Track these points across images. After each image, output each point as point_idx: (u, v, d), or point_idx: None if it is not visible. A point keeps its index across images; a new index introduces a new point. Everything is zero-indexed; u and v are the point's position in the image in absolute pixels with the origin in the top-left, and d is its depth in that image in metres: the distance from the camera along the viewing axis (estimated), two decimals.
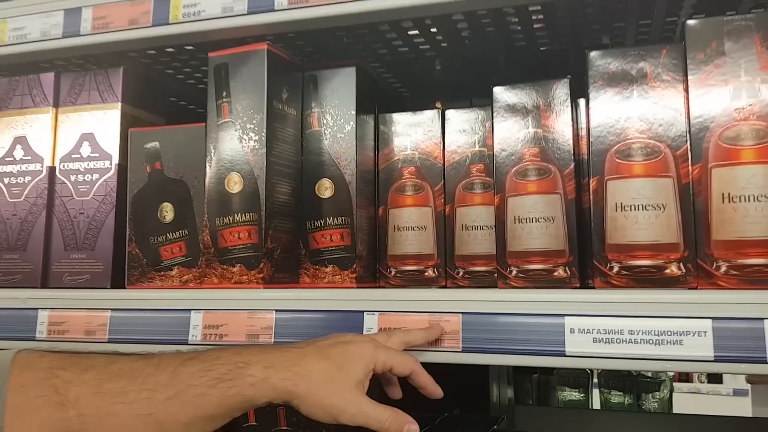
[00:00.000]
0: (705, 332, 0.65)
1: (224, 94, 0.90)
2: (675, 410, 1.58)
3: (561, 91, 0.80)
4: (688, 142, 0.71)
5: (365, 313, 0.77)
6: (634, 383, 1.53)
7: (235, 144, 0.89)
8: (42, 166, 1.00)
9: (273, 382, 0.61)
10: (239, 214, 0.88)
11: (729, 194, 0.68)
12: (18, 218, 1.00)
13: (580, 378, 1.58)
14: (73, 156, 0.99)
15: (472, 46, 1.01)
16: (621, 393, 1.57)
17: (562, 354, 0.70)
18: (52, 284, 0.98)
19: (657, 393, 1.56)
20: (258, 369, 0.61)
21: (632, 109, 0.73)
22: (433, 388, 0.71)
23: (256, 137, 0.88)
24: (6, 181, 1.01)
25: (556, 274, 0.79)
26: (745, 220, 0.67)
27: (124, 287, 0.95)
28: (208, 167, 0.90)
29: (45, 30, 0.95)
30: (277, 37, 0.94)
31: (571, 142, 0.79)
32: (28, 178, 1.00)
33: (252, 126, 0.88)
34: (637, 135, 0.72)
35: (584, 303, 0.70)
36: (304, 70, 0.96)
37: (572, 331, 0.70)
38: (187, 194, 0.94)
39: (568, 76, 0.81)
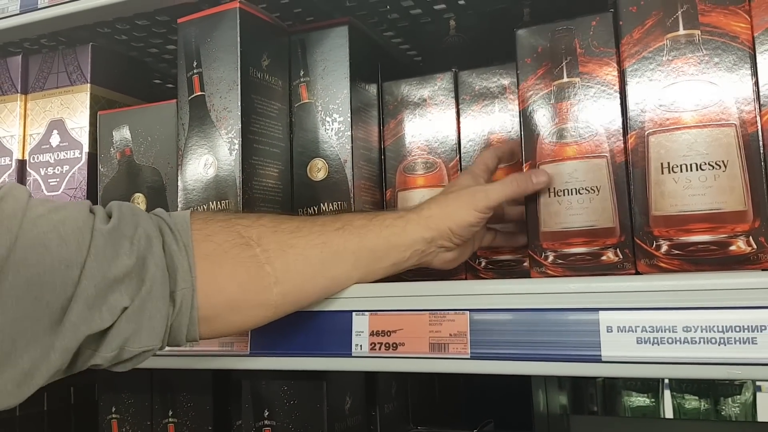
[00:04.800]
0: None
1: (194, 64, 0.78)
2: (760, 416, 1.37)
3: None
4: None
5: (353, 314, 0.63)
6: (711, 385, 1.33)
7: (209, 121, 0.77)
8: (11, 160, 0.90)
9: (417, 212, 0.66)
10: (213, 202, 0.75)
11: None
12: None
13: (649, 380, 1.38)
14: (42, 147, 0.89)
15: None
16: (696, 397, 1.37)
17: (598, 359, 0.54)
18: None
19: (738, 396, 1.36)
20: (400, 212, 0.68)
21: None
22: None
23: (230, 111, 0.75)
24: None
25: (604, 258, 0.62)
26: None
27: None
28: (179, 150, 0.78)
29: (2, 6, 0.85)
30: (270, 2, 0.82)
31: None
32: None
33: (226, 99, 0.76)
34: None
35: (625, 293, 0.54)
36: (291, 33, 0.83)
37: (609, 329, 0.54)
38: (159, 183, 0.82)
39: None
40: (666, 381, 1.41)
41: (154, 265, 0.53)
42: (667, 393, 1.40)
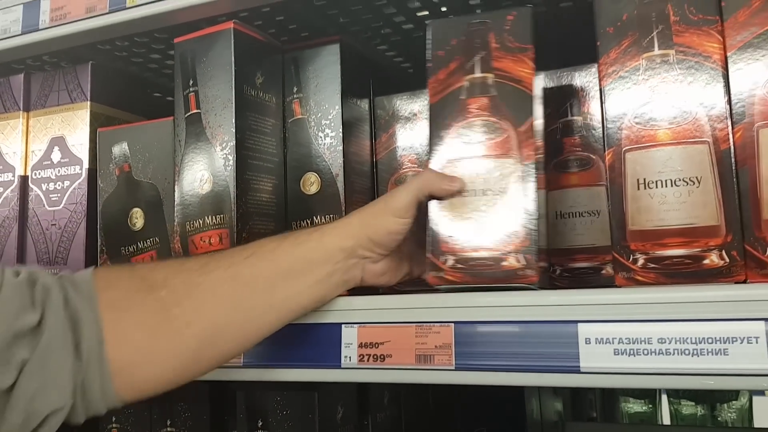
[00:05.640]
0: (757, 338, 0.50)
1: (191, 83, 0.80)
2: (757, 422, 1.37)
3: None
4: (727, 98, 0.56)
5: (342, 326, 0.65)
6: (708, 391, 1.33)
7: (205, 138, 0.79)
8: (14, 176, 0.93)
9: (335, 223, 0.65)
10: (209, 217, 0.77)
11: None
12: None
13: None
14: (44, 163, 0.91)
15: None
16: (693, 403, 1.37)
17: (577, 371, 0.56)
18: None
19: (735, 402, 1.36)
20: (318, 227, 0.66)
21: None
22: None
23: (225, 128, 0.78)
24: None
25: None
26: None
27: None
28: (176, 166, 0.80)
29: (5, 27, 0.88)
30: (264, 18, 0.84)
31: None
32: (0, 190, 0.93)
33: (221, 117, 0.78)
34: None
35: (602, 306, 0.56)
36: (284, 51, 0.85)
37: (588, 341, 0.56)
38: (157, 198, 0.84)
39: None
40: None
41: (54, 317, 0.51)
42: (664, 399, 1.40)
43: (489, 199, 0.61)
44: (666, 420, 1.37)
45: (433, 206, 0.63)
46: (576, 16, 0.80)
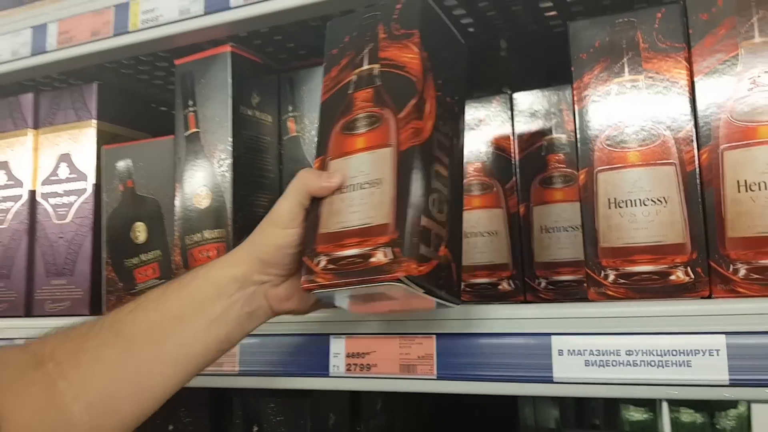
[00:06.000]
0: (718, 350, 0.53)
1: (190, 103, 0.84)
2: (756, 430, 1.39)
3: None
4: (694, 122, 0.59)
5: (331, 337, 0.69)
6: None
7: (203, 156, 0.82)
8: (23, 191, 0.97)
9: (224, 255, 0.61)
10: (208, 231, 0.81)
11: (746, 182, 0.56)
12: (1, 245, 0.97)
13: None
14: (52, 179, 0.95)
15: (474, 35, 0.91)
16: (692, 410, 1.39)
17: (549, 380, 0.59)
18: (35, 312, 0.94)
19: (733, 410, 1.38)
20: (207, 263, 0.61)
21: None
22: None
23: (222, 147, 0.81)
24: None
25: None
26: None
27: (101, 313, 0.90)
28: (176, 182, 0.84)
29: (15, 49, 0.92)
30: (262, 38, 0.87)
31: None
32: (10, 204, 0.97)
33: (219, 135, 0.82)
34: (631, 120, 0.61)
35: (574, 319, 0.59)
36: (280, 71, 0.89)
37: (560, 353, 0.59)
38: (158, 212, 0.88)
39: None
40: None
41: None
42: (665, 406, 1.42)
43: (365, 192, 0.55)
44: (667, 428, 1.38)
45: (312, 206, 0.58)
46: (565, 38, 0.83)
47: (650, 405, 1.51)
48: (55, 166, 0.95)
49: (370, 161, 0.56)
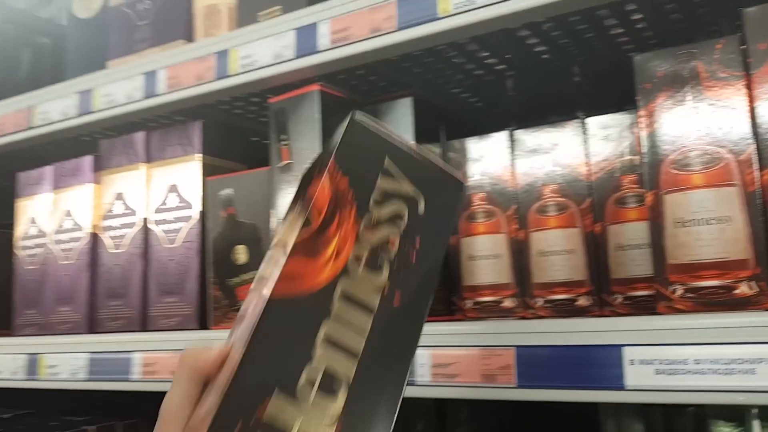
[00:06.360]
0: None
1: (283, 137, 0.93)
2: None
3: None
4: (755, 145, 0.63)
5: (419, 350, 0.75)
6: None
7: (295, 184, 0.91)
8: (137, 219, 1.08)
9: None
10: None
11: None
12: (120, 267, 1.08)
13: (736, 408, 1.39)
14: (162, 207, 1.07)
15: (547, 61, 0.97)
16: None
17: (622, 388, 0.64)
18: (149, 327, 1.05)
19: None
20: None
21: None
22: None
23: None
24: (110, 234, 1.11)
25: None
26: None
27: (208, 328, 1.00)
28: (272, 208, 0.93)
29: (129, 94, 1.04)
30: (347, 73, 0.96)
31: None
32: (126, 230, 1.09)
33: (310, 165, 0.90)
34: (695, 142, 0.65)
35: (645, 331, 0.64)
36: (363, 105, 0.97)
37: (632, 362, 0.63)
38: (257, 236, 0.97)
39: None
40: (755, 410, 1.41)
41: None
42: (756, 423, 1.40)
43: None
44: None
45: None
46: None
47: (739, 420, 1.50)
48: (164, 196, 1.06)
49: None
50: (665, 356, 0.62)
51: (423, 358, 0.74)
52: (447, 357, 0.73)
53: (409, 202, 0.52)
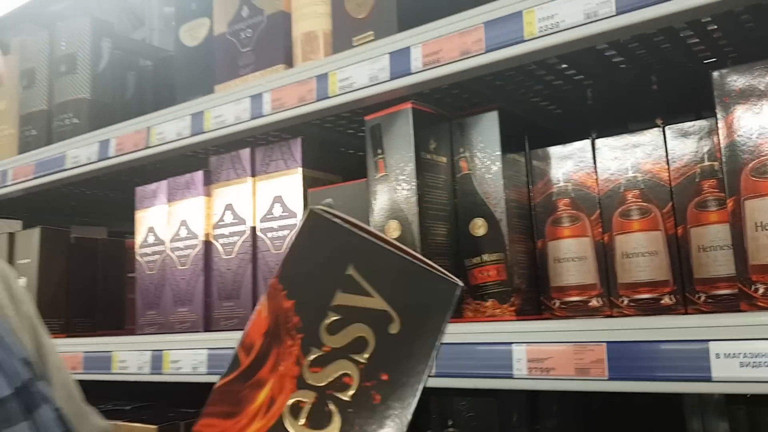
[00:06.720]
0: None
1: (379, 151, 1.02)
2: None
3: None
4: None
5: (513, 345, 0.82)
6: None
7: (391, 194, 1.00)
8: (246, 228, 1.19)
9: None
10: None
11: None
12: (232, 272, 1.20)
13: None
14: (268, 216, 1.17)
15: (624, 71, 1.02)
16: None
17: (708, 380, 0.69)
18: None
19: None
20: None
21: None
22: None
23: (408, 187, 0.98)
24: (221, 241, 1.22)
25: None
26: None
27: None
28: (370, 217, 1.02)
29: (237, 115, 1.15)
30: (438, 90, 1.03)
31: None
32: (236, 238, 1.20)
33: (404, 177, 0.99)
34: None
35: (729, 327, 0.69)
36: (451, 119, 1.04)
37: (717, 356, 0.69)
38: None
39: None
40: None
41: None
42: None
43: None
44: None
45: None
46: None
47: None
48: (270, 206, 1.17)
49: None
50: (749, 350, 0.67)
51: (519, 354, 0.81)
52: (542, 352, 0.80)
53: (377, 323, 0.42)
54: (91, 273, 1.62)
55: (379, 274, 0.41)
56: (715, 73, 0.74)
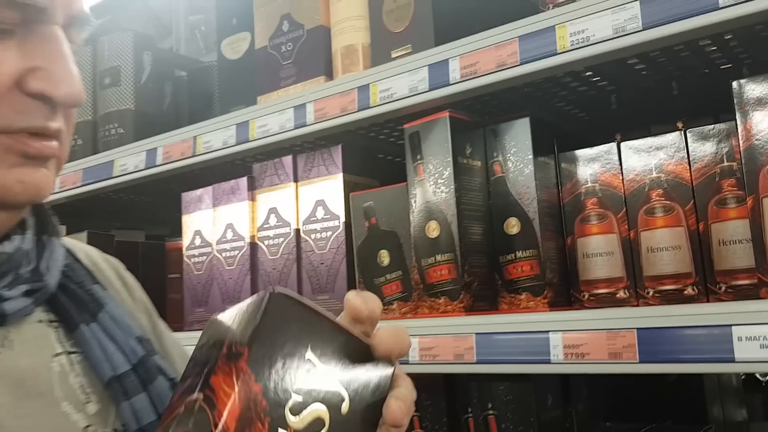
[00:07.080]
0: None
1: (418, 157, 1.10)
2: None
3: None
4: None
5: (550, 333, 0.90)
6: None
7: (430, 197, 1.07)
8: (290, 230, 1.27)
9: None
10: (440, 255, 1.05)
11: None
12: (277, 271, 1.28)
13: None
14: (311, 219, 1.25)
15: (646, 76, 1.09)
16: None
17: (732, 360, 0.76)
18: None
19: None
20: None
21: None
22: None
23: (446, 189, 1.06)
24: (266, 243, 1.30)
25: None
26: None
27: None
28: (411, 218, 1.09)
29: (282, 124, 1.23)
30: (476, 100, 1.11)
31: None
32: (281, 240, 1.28)
33: (442, 181, 1.06)
34: None
35: (750, 313, 0.76)
36: (485, 125, 1.12)
37: (740, 339, 0.76)
38: (398, 242, 1.14)
39: None
40: None
41: None
42: None
43: None
44: None
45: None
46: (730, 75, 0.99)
47: None
48: (312, 209, 1.25)
49: None
50: None
51: (555, 341, 0.89)
52: (577, 339, 0.87)
53: (331, 403, 0.43)
54: (133, 274, 1.70)
55: (331, 354, 0.43)
56: (735, 83, 0.81)
